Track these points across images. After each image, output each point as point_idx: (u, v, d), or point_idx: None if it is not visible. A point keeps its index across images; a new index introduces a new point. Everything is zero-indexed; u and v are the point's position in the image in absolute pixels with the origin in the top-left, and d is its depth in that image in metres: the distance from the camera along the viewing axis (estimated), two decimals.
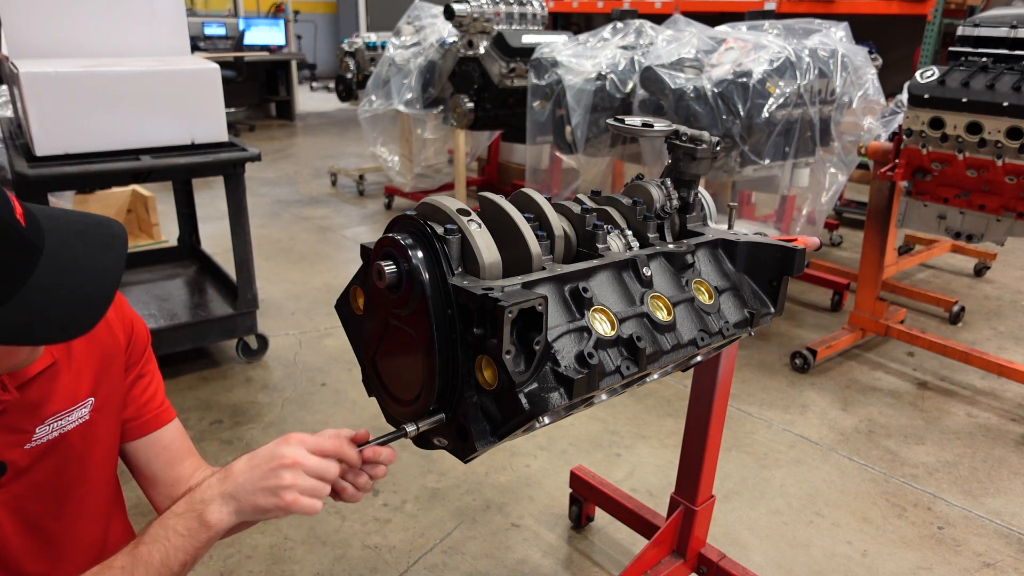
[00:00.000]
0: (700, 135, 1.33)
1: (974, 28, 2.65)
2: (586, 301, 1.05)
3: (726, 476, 2.42)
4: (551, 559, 2.08)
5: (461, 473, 2.41)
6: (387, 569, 2.02)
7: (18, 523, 1.05)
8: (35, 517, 1.07)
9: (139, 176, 2.65)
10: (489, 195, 1.10)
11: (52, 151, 2.51)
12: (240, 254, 2.95)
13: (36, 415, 1.04)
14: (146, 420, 1.22)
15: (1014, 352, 3.37)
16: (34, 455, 1.04)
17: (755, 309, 1.27)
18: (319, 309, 3.72)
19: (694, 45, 3.11)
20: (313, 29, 13.27)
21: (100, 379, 1.12)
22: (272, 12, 10.40)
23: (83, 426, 1.10)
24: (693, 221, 1.37)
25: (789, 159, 3.06)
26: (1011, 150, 2.39)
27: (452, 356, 1.00)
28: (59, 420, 1.07)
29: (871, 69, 3.25)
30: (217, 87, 2.77)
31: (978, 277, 4.33)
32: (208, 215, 4.45)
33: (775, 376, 3.12)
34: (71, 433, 1.08)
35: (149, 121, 2.68)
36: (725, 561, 1.84)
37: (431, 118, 4.99)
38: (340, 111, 10.40)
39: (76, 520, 1.13)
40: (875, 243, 3.17)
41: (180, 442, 1.27)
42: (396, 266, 1.00)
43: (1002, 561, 2.09)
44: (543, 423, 1.07)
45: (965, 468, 2.51)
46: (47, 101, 2.46)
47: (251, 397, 2.89)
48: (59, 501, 1.10)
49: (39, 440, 1.04)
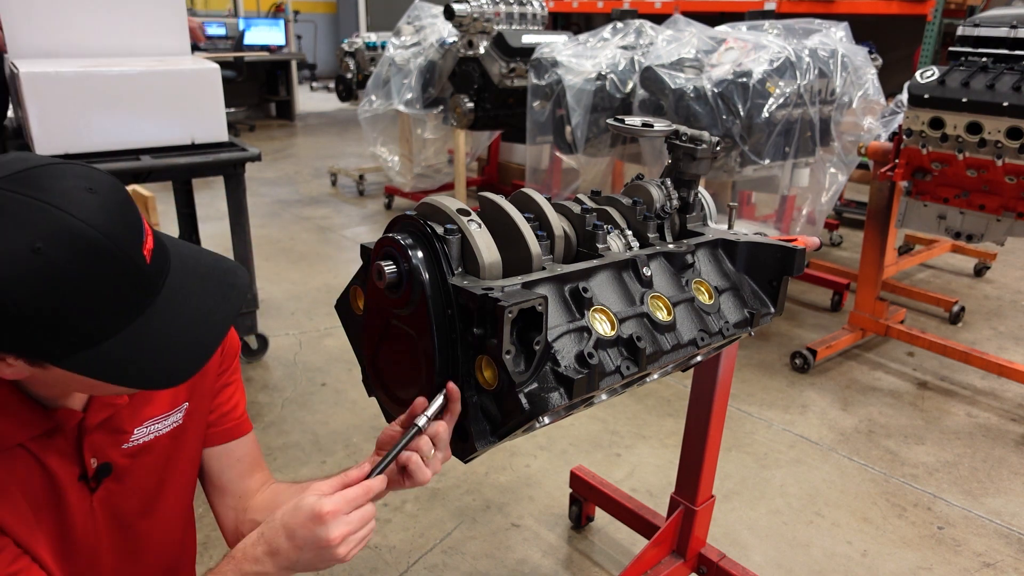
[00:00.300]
0: (700, 135, 1.33)
1: (974, 28, 2.65)
2: (586, 301, 1.05)
3: (726, 476, 2.42)
4: (551, 559, 2.08)
5: (461, 473, 2.41)
6: (387, 569, 2.02)
7: (111, 520, 1.07)
8: (127, 515, 1.09)
9: (139, 176, 2.65)
10: (489, 195, 1.10)
11: (53, 151, 2.51)
12: (240, 254, 2.95)
13: (136, 417, 1.06)
14: (227, 428, 1.22)
15: (1014, 352, 3.37)
16: (129, 455, 1.06)
17: (755, 309, 1.27)
18: (319, 309, 3.72)
19: (694, 45, 3.11)
20: (313, 29, 13.27)
21: (195, 384, 1.13)
22: (272, 12, 10.40)
23: (176, 429, 1.12)
24: (693, 221, 1.37)
25: (789, 159, 3.06)
26: (1011, 150, 2.39)
27: (452, 356, 1.00)
28: (156, 423, 1.09)
29: (871, 69, 3.25)
30: (217, 87, 2.77)
31: (978, 277, 4.33)
32: (208, 215, 4.45)
33: (775, 376, 3.12)
34: (164, 436, 1.10)
35: (150, 121, 2.68)
36: (725, 561, 1.84)
37: (431, 118, 4.99)
38: (340, 111, 10.40)
39: (162, 520, 1.15)
40: (875, 243, 3.17)
41: (254, 455, 1.27)
42: (396, 266, 1.00)
43: (1002, 561, 2.09)
44: (543, 423, 1.07)
45: (965, 468, 2.51)
46: (47, 101, 2.46)
47: (251, 397, 2.89)
48: (149, 501, 1.12)
49: (136, 441, 1.07)
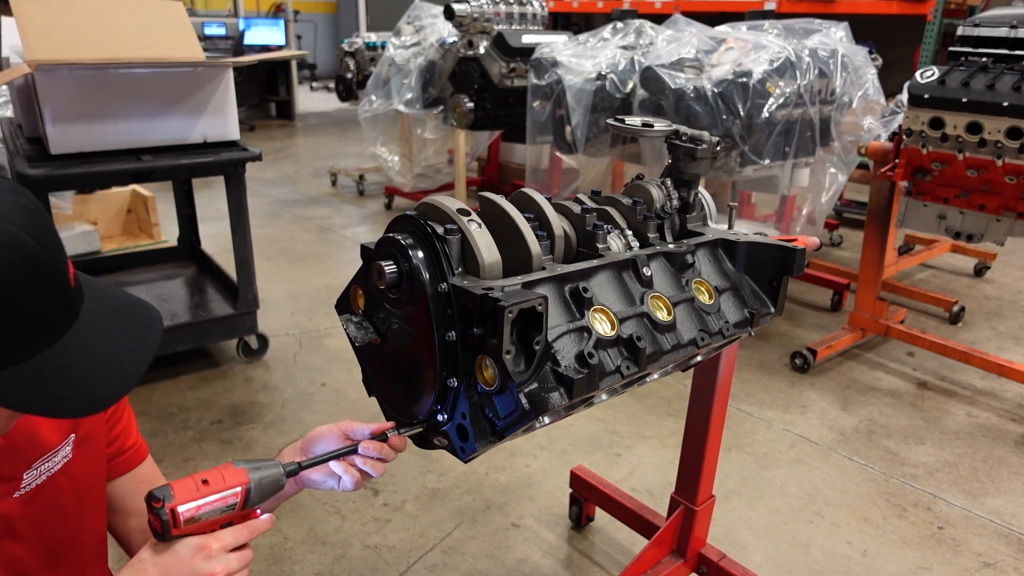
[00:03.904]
0: (700, 135, 1.33)
1: (974, 28, 2.65)
2: (586, 301, 1.05)
3: (726, 476, 2.42)
4: (551, 559, 2.08)
5: (461, 473, 2.41)
6: (387, 569, 2.02)
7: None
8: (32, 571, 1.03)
9: (140, 176, 2.66)
10: (489, 195, 1.10)
11: (66, 150, 2.52)
12: (241, 254, 2.96)
13: (22, 460, 0.98)
14: (128, 456, 1.22)
15: (1014, 352, 3.37)
16: (23, 502, 0.99)
17: (755, 309, 1.27)
18: (319, 309, 3.72)
19: (694, 45, 3.11)
20: (313, 29, 13.27)
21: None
22: (272, 12, 10.40)
23: (68, 465, 1.05)
24: (693, 221, 1.37)
25: (789, 159, 3.06)
26: (1011, 150, 2.39)
27: (452, 356, 1.00)
28: (45, 462, 1.01)
29: (871, 69, 3.25)
30: (230, 86, 2.79)
31: (978, 277, 4.33)
32: (208, 215, 4.44)
33: (775, 376, 3.12)
34: (57, 475, 1.03)
35: (163, 120, 2.69)
36: (725, 561, 1.84)
37: (431, 118, 4.99)
38: (340, 111, 10.40)
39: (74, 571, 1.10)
40: (875, 243, 3.17)
41: (155, 473, 1.28)
42: (396, 266, 1.00)
43: (1002, 561, 2.09)
44: (543, 423, 1.07)
45: (965, 468, 2.51)
46: (62, 100, 2.47)
47: (251, 397, 2.89)
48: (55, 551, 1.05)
49: (27, 486, 0.99)
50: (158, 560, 0.87)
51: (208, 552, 0.87)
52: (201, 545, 0.87)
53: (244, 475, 0.91)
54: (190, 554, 0.87)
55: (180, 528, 0.86)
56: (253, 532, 0.92)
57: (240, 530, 0.91)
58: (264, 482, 0.92)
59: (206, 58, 2.76)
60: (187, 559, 0.87)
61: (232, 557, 0.89)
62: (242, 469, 0.91)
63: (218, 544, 0.88)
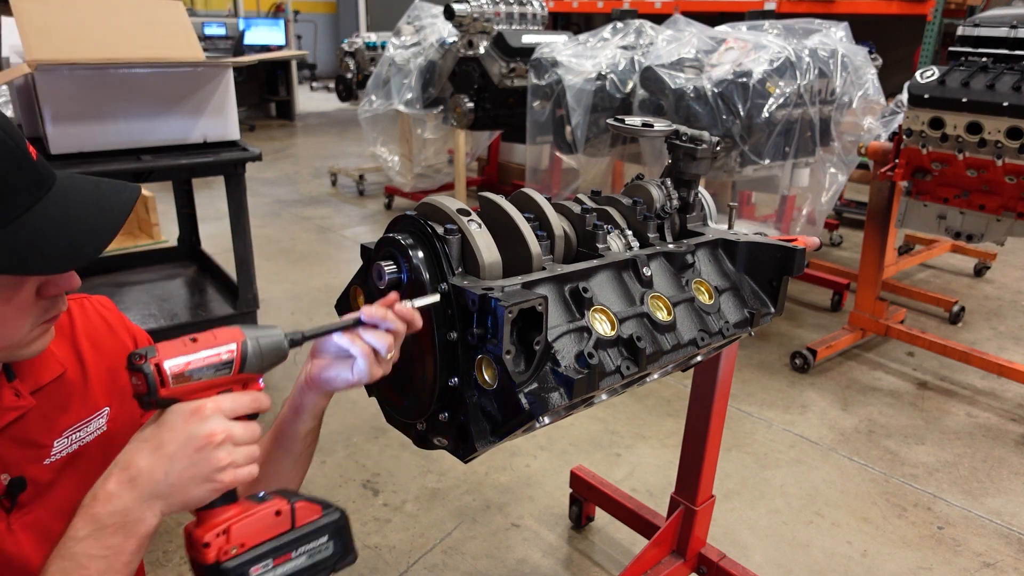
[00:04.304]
0: (700, 135, 1.33)
1: (974, 28, 2.65)
2: (586, 301, 1.05)
3: (726, 476, 2.42)
4: (551, 559, 2.08)
5: (461, 473, 2.41)
6: (387, 569, 2.02)
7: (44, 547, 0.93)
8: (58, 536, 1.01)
9: (140, 176, 2.65)
10: (489, 195, 1.10)
11: (66, 149, 2.52)
12: (241, 254, 2.95)
13: (53, 428, 1.00)
14: None
15: (1014, 352, 3.37)
16: (54, 470, 0.99)
17: (755, 309, 1.27)
18: (319, 309, 3.72)
19: (694, 45, 3.11)
20: (313, 29, 13.27)
21: (112, 388, 1.10)
22: (272, 12, 10.40)
23: (102, 437, 1.06)
24: (693, 221, 1.37)
25: (789, 159, 3.06)
26: (1011, 150, 2.39)
27: (452, 356, 1.00)
28: (77, 431, 1.02)
29: (871, 69, 3.25)
30: (230, 86, 2.79)
31: (978, 277, 4.33)
32: (208, 215, 4.44)
33: (775, 376, 3.12)
34: (90, 446, 1.04)
35: (163, 120, 2.69)
36: (725, 561, 1.84)
37: (431, 118, 4.99)
38: (340, 111, 10.40)
39: None
40: (875, 243, 3.17)
41: None
42: (396, 266, 1.00)
43: (1002, 561, 2.09)
44: (543, 423, 1.07)
45: (965, 468, 2.51)
46: (62, 100, 2.47)
47: None
48: None
49: (58, 454, 1.00)
50: (148, 435, 0.78)
51: (203, 413, 0.77)
52: (195, 408, 0.77)
53: (239, 332, 0.80)
54: (183, 419, 0.77)
55: (168, 388, 0.75)
56: (256, 402, 0.82)
57: (240, 396, 0.81)
58: (263, 343, 0.81)
59: (206, 58, 2.76)
60: (180, 425, 0.77)
61: (235, 424, 0.79)
62: (236, 328, 0.80)
63: (214, 404, 0.78)
